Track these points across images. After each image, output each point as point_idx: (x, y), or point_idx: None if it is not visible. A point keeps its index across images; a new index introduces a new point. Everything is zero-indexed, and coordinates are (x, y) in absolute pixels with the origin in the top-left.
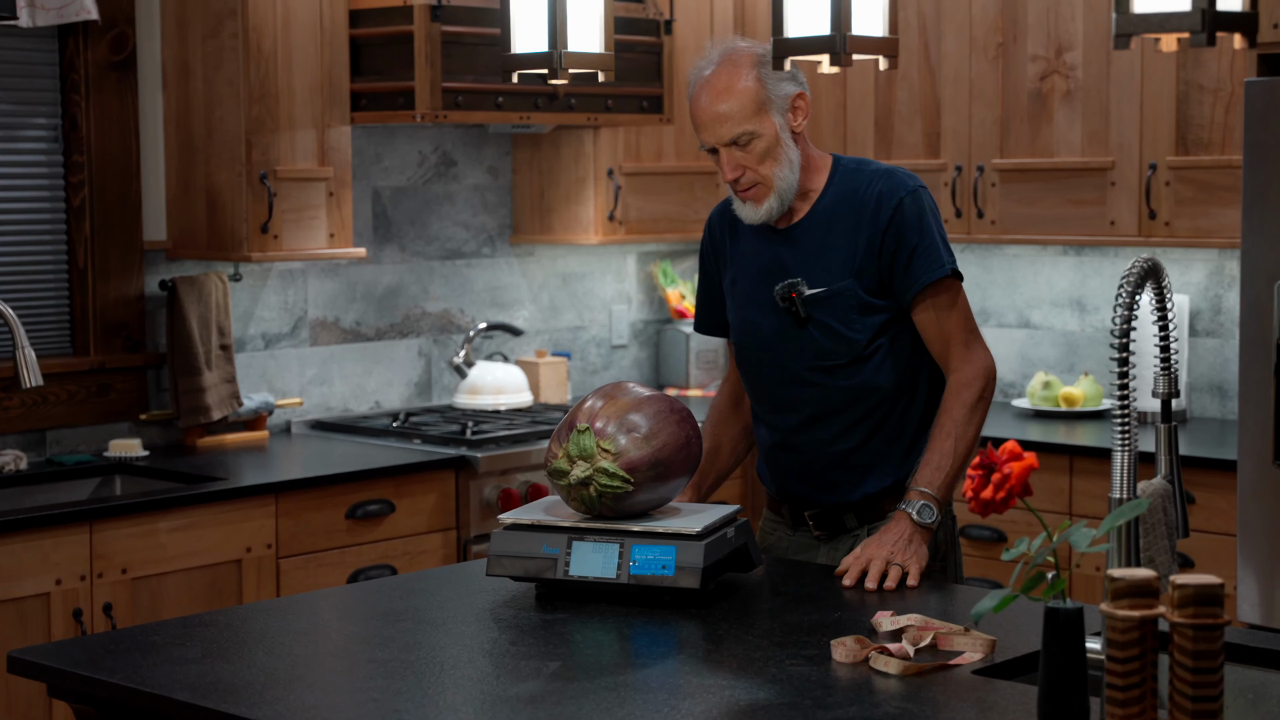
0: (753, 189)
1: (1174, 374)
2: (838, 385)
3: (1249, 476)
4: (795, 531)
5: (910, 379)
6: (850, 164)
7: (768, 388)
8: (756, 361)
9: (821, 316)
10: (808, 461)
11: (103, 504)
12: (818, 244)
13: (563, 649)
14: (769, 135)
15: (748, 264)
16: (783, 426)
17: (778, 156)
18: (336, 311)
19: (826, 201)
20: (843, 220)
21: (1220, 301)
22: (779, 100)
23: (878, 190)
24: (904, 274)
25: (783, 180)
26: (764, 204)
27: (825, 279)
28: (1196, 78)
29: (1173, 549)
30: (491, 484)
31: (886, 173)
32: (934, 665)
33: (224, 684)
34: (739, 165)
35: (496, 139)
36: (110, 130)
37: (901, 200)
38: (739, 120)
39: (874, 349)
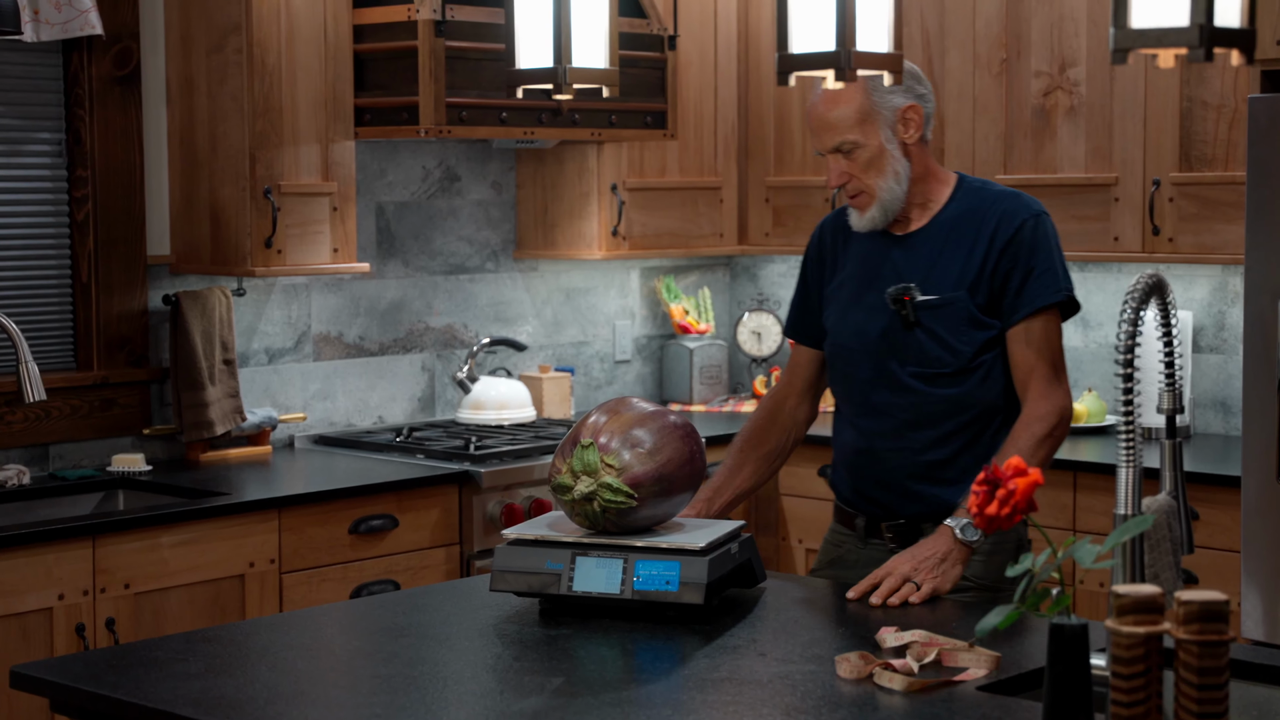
0: (858, 196)
1: (1179, 389)
2: (936, 394)
3: (1252, 493)
4: (866, 544)
5: (1008, 399)
6: (975, 183)
7: (863, 391)
8: (855, 363)
9: (930, 323)
10: (893, 469)
11: (105, 519)
12: (934, 254)
13: (566, 664)
14: (873, 146)
15: (859, 267)
16: (872, 431)
17: (882, 168)
18: (340, 326)
19: (947, 215)
20: (962, 235)
21: (1224, 317)
22: (886, 113)
23: (1001, 210)
24: (1015, 296)
25: (886, 191)
26: (867, 212)
27: (938, 288)
28: (1200, 94)
29: (1177, 565)
30: (495, 499)
31: (1012, 195)
32: (938, 681)
33: (227, 700)
34: (843, 173)
35: (500, 154)
36: (114, 145)
37: (1024, 222)
38: (842, 129)
39: (978, 364)
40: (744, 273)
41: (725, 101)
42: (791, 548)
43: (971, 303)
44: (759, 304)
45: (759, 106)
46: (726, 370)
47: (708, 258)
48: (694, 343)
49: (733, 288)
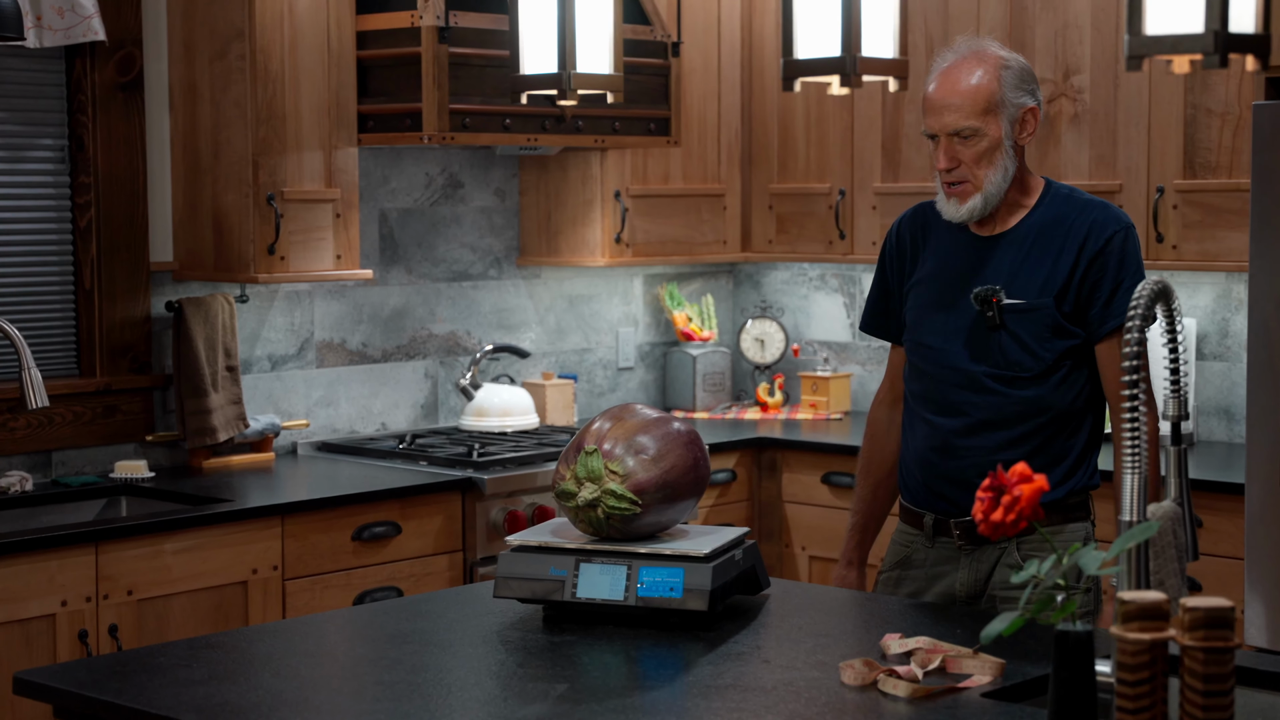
0: (961, 185)
1: (1184, 396)
2: (1015, 395)
3: (1256, 500)
4: (935, 543)
5: (1084, 404)
6: (1063, 189)
7: (940, 389)
8: (934, 362)
9: (1014, 327)
10: (965, 468)
11: (108, 525)
12: (1021, 258)
13: (570, 671)
14: (992, 137)
15: (942, 265)
16: (946, 429)
17: (994, 161)
18: (343, 333)
19: (1036, 219)
20: (1050, 241)
21: (1228, 325)
22: (1011, 108)
23: (1091, 219)
24: (1103, 308)
25: (993, 185)
26: (967, 203)
27: (1025, 293)
28: (1204, 101)
29: (1182, 572)
30: (498, 506)
31: (1101, 205)
32: (943, 688)
33: (230, 706)
34: (955, 158)
35: (504, 161)
36: (117, 151)
37: (1114, 234)
38: (967, 114)
39: (1058, 369)
40: (747, 280)
41: (729, 108)
42: (795, 555)
43: (1057, 311)
44: (762, 311)
45: (763, 113)
46: (730, 377)
47: (711, 265)
48: (697, 350)
49: (736, 295)
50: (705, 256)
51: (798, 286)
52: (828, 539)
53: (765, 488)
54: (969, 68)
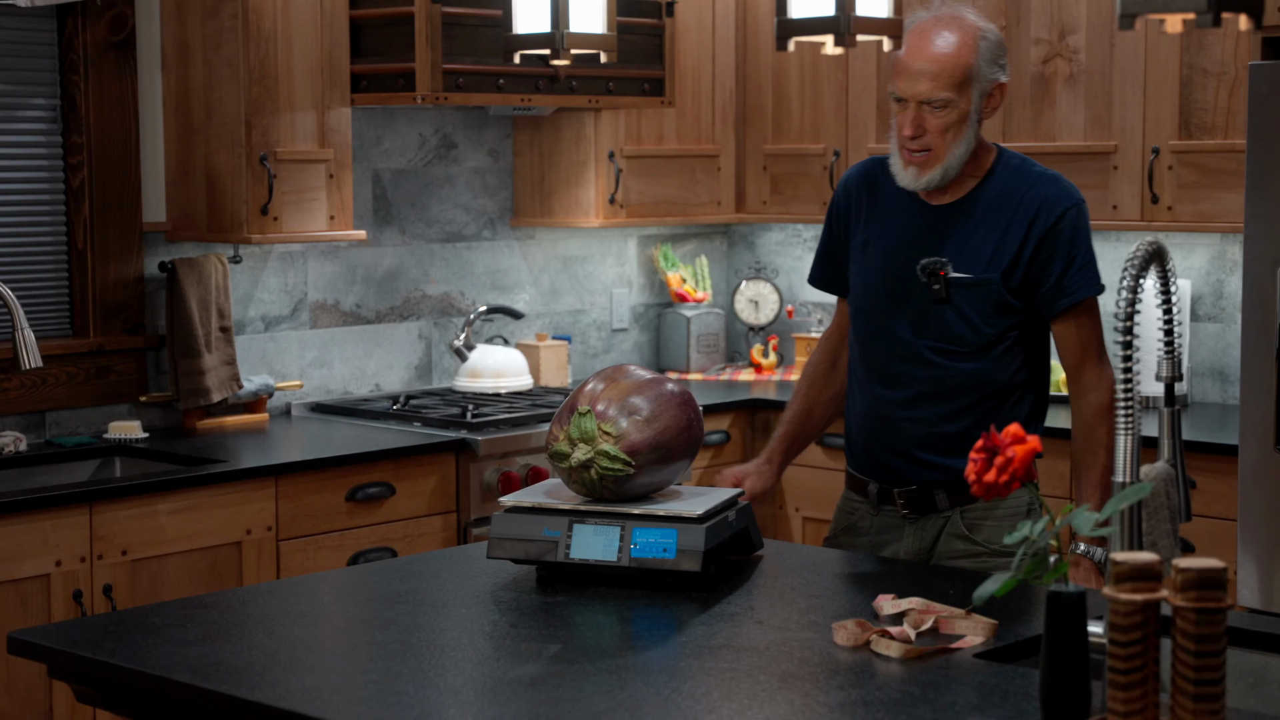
0: (924, 154)
1: (1178, 357)
2: (955, 368)
3: (1250, 461)
4: (879, 511)
5: (1027, 376)
6: (1014, 160)
7: (882, 359)
8: (877, 332)
9: (959, 301)
10: (906, 439)
11: (103, 486)
12: (969, 230)
13: (563, 632)
14: (961, 109)
15: (889, 231)
16: (888, 400)
17: (960, 133)
18: (336, 294)
19: (985, 190)
20: (1000, 214)
21: (1222, 286)
22: (984, 82)
23: (1042, 195)
24: (1055, 285)
25: (954, 158)
26: (927, 173)
27: (971, 266)
28: (1200, 61)
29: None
30: (492, 467)
31: (1052, 179)
32: (935, 649)
33: (224, 666)
34: (922, 126)
35: (497, 121)
36: (109, 111)
37: (1067, 211)
38: (944, 84)
39: (1000, 342)
40: (741, 241)
41: (723, 69)
42: (789, 516)
43: (1003, 287)
44: (756, 272)
45: (757, 74)
46: (724, 339)
47: (705, 226)
48: (691, 311)
49: (730, 256)
50: (699, 217)
51: (792, 248)
52: (821, 500)
53: (759, 449)
54: (946, 34)
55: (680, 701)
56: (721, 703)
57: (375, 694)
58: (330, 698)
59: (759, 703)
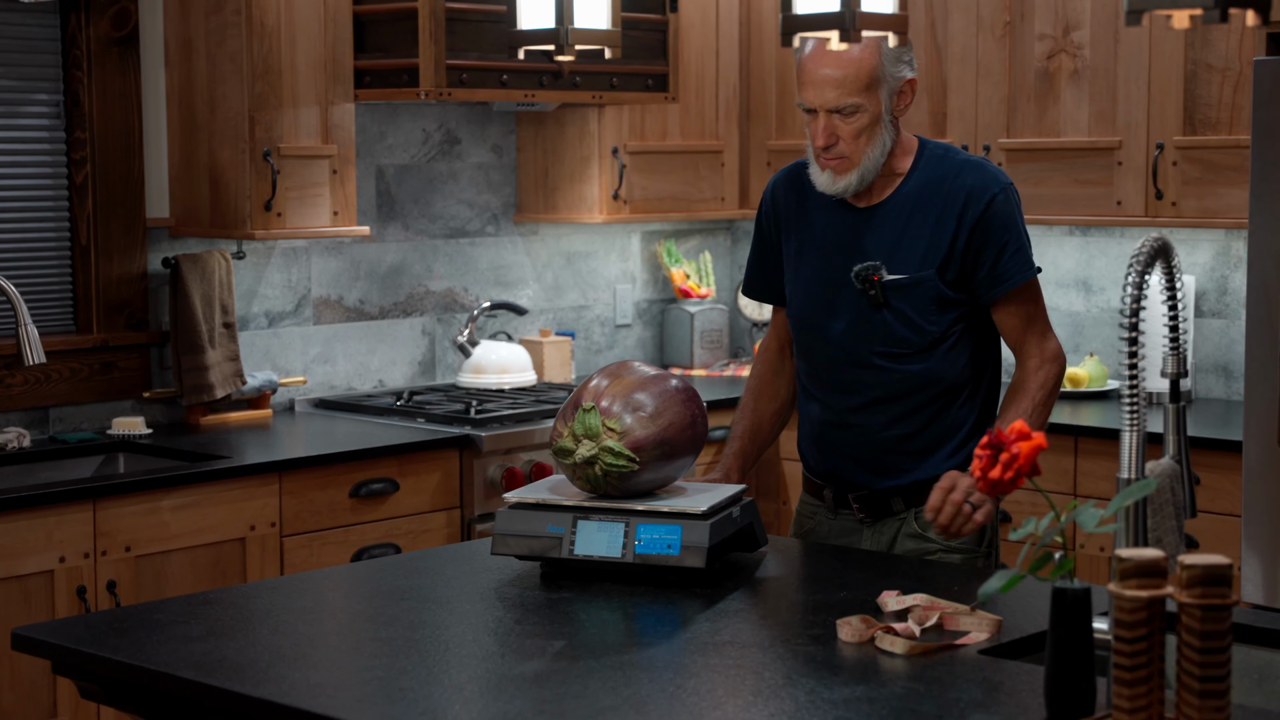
0: (839, 160)
1: (1183, 353)
2: (903, 371)
3: (1254, 457)
4: (837, 515)
5: (976, 371)
6: (937, 150)
7: (828, 368)
8: (820, 341)
9: (898, 304)
10: (861, 443)
11: (106, 482)
12: (899, 228)
13: (567, 628)
14: (872, 113)
15: (819, 238)
16: (838, 406)
17: (873, 136)
18: (340, 290)
19: (911, 186)
20: (928, 208)
21: (1226, 282)
22: (891, 81)
23: (968, 184)
24: (990, 272)
25: (870, 160)
26: (844, 178)
27: (906, 266)
28: (1205, 57)
29: (1180, 529)
30: (495, 463)
31: (977, 165)
32: (940, 645)
33: (228, 662)
34: (834, 134)
35: (501, 117)
36: (112, 107)
37: (995, 197)
38: (850, 90)
39: (945, 339)
40: (745, 237)
41: (727, 64)
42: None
43: (940, 281)
44: None
45: (760, 69)
46: (727, 334)
47: (709, 221)
48: (695, 307)
49: (734, 252)
50: (703, 213)
51: None
52: None
53: None
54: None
55: (685, 698)
56: (726, 699)
57: (379, 690)
58: (335, 694)
59: (763, 699)
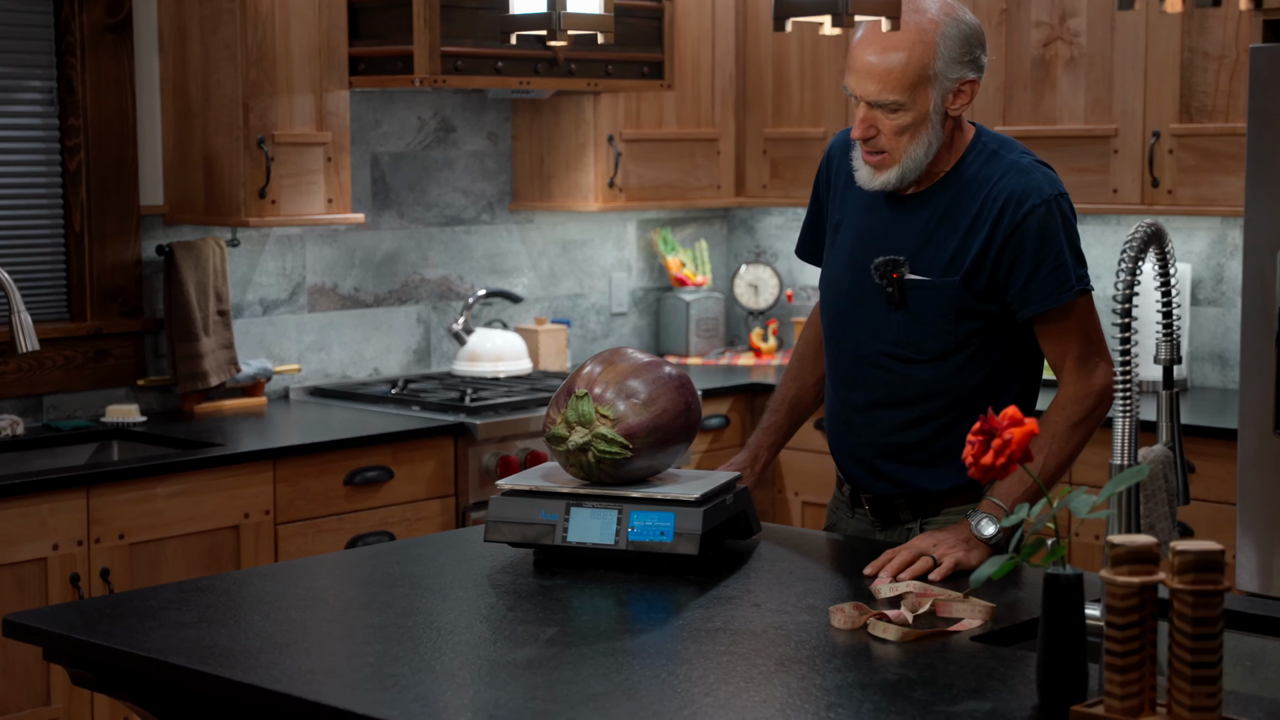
0: (879, 155)
1: (1176, 340)
2: (911, 377)
3: (1249, 445)
4: (854, 514)
5: (995, 384)
6: (991, 144)
7: (842, 359)
8: (838, 329)
9: (916, 306)
10: (864, 445)
11: (100, 469)
12: (933, 226)
13: (560, 615)
14: (918, 111)
15: (855, 218)
16: (848, 403)
17: (917, 135)
18: (335, 278)
19: (953, 182)
20: (966, 207)
21: (1222, 270)
22: (945, 80)
23: (1009, 189)
24: (1022, 290)
25: (912, 160)
26: (883, 174)
27: (930, 268)
28: (1201, 44)
29: (1173, 516)
30: (490, 451)
31: (1024, 169)
32: (932, 631)
33: (220, 648)
34: (873, 127)
35: (496, 105)
36: (106, 94)
37: (1033, 209)
38: (893, 87)
39: (961, 350)
40: (741, 225)
41: (723, 52)
42: (788, 501)
43: (965, 290)
44: (756, 256)
45: (757, 57)
46: (723, 323)
47: (705, 210)
48: (691, 295)
49: (730, 240)
50: (699, 201)
51: (792, 232)
52: (820, 484)
53: None
54: (905, 28)
55: (677, 684)
56: (718, 685)
57: (371, 676)
58: (326, 680)
59: (756, 685)
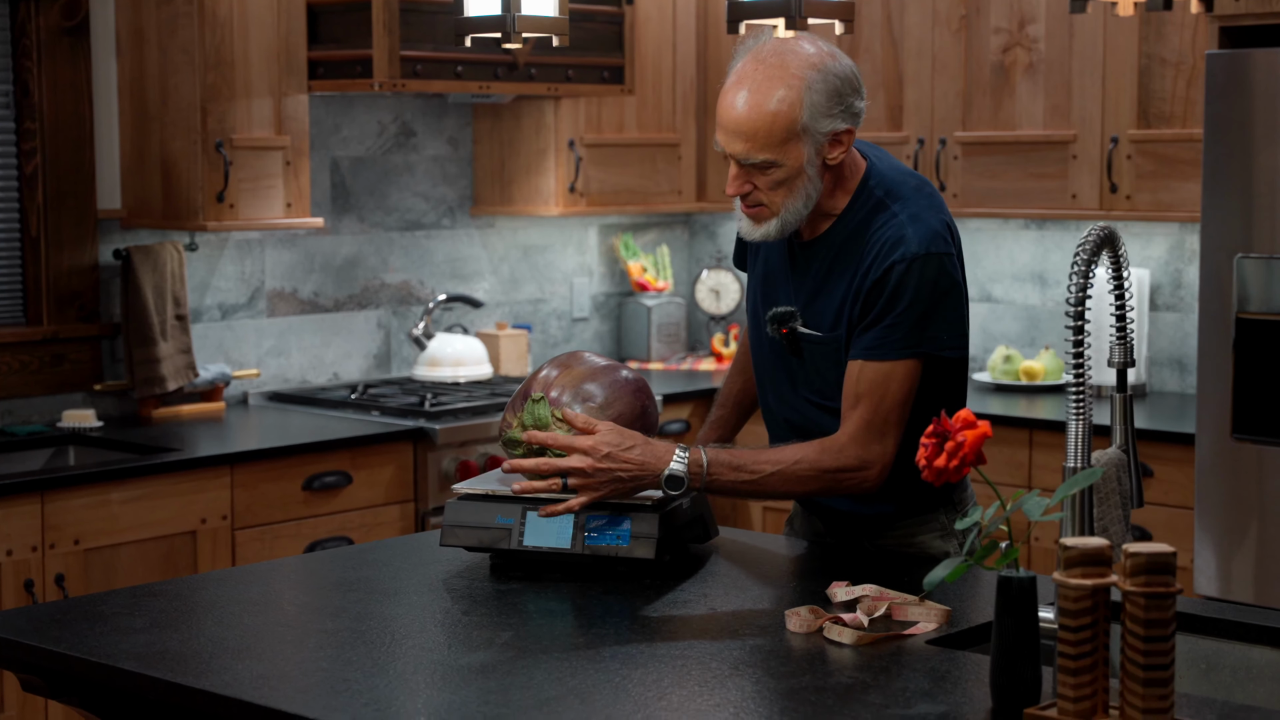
0: (756, 208)
1: (1130, 343)
2: (826, 427)
3: (1207, 450)
4: (809, 519)
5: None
6: (879, 189)
7: (768, 393)
8: (760, 364)
9: (813, 358)
10: None
11: (54, 474)
12: (821, 276)
13: (515, 619)
14: (791, 166)
15: (766, 257)
16: (774, 435)
17: (794, 189)
18: (294, 282)
19: (839, 231)
20: (849, 258)
21: (1180, 276)
22: (816, 134)
23: (881, 240)
24: (858, 332)
25: (791, 213)
26: (763, 226)
27: (819, 322)
28: (1158, 51)
29: (1127, 519)
30: (450, 456)
31: (899, 222)
32: (888, 635)
33: (171, 654)
34: (748, 183)
35: (457, 109)
36: (63, 97)
37: (893, 266)
38: (761, 146)
39: None
40: (702, 230)
41: (684, 57)
42: (748, 506)
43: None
44: (718, 262)
45: (718, 62)
46: (685, 328)
47: (666, 215)
48: (652, 300)
49: (691, 245)
50: (660, 206)
51: None
52: None
53: None
54: (768, 84)
55: (630, 688)
56: (672, 689)
57: (323, 681)
58: (278, 685)
59: (710, 689)
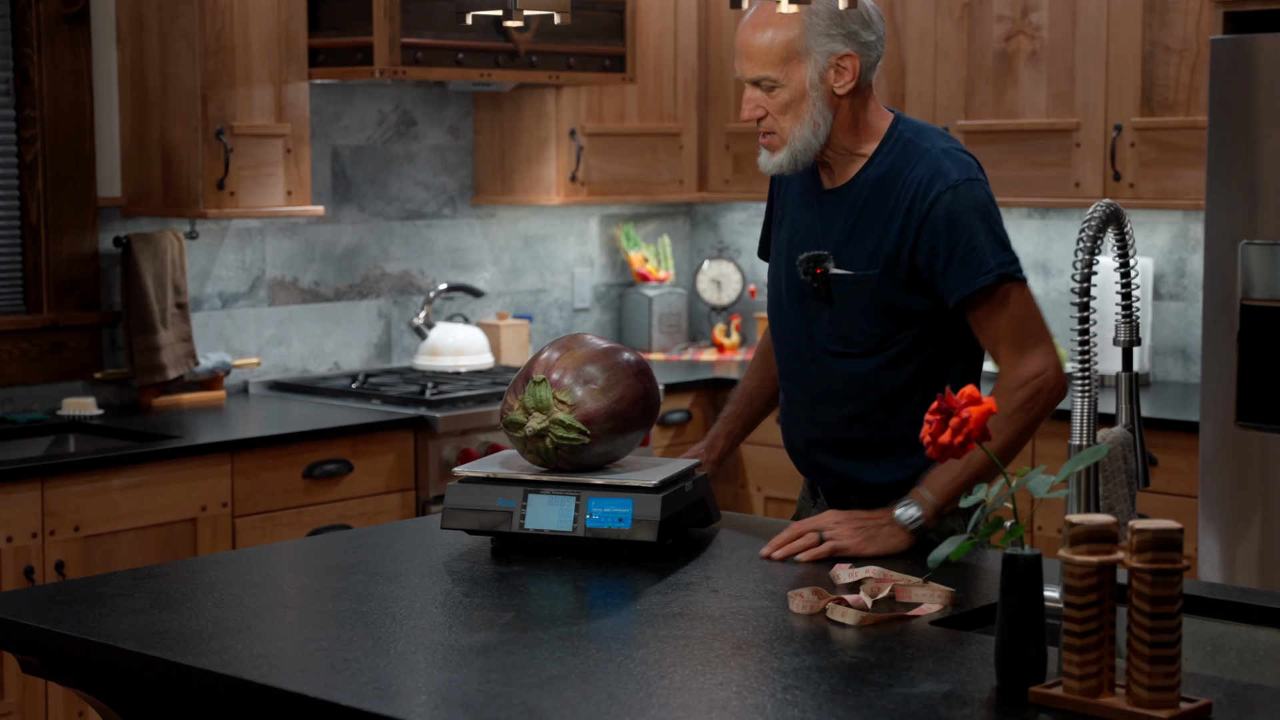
0: (768, 136)
1: (1135, 321)
2: (843, 372)
3: (1211, 438)
4: (815, 504)
5: (929, 379)
6: (908, 131)
7: (784, 354)
8: (777, 322)
9: (841, 300)
10: (807, 440)
11: (55, 461)
12: (852, 219)
13: (517, 600)
14: (794, 88)
15: (791, 213)
16: (791, 398)
17: (799, 114)
18: (295, 271)
19: (871, 173)
20: (883, 200)
21: (1184, 264)
22: (818, 56)
23: (918, 177)
24: (942, 279)
25: (799, 140)
26: (776, 156)
27: (853, 262)
28: (1162, 38)
29: (1132, 498)
30: (451, 444)
31: (934, 155)
32: (892, 616)
33: (171, 634)
34: (758, 106)
35: (457, 98)
36: (63, 84)
37: (939, 196)
38: (763, 63)
39: (890, 345)
40: (704, 220)
41: (685, 46)
42: (750, 495)
43: (887, 284)
44: (719, 252)
45: (720, 51)
46: (686, 318)
47: (667, 205)
48: (653, 291)
49: (693, 235)
50: (661, 196)
51: (754, 227)
52: (784, 479)
53: None
54: (771, 8)
55: (632, 668)
56: (674, 669)
57: (324, 661)
58: (278, 664)
59: (712, 668)
